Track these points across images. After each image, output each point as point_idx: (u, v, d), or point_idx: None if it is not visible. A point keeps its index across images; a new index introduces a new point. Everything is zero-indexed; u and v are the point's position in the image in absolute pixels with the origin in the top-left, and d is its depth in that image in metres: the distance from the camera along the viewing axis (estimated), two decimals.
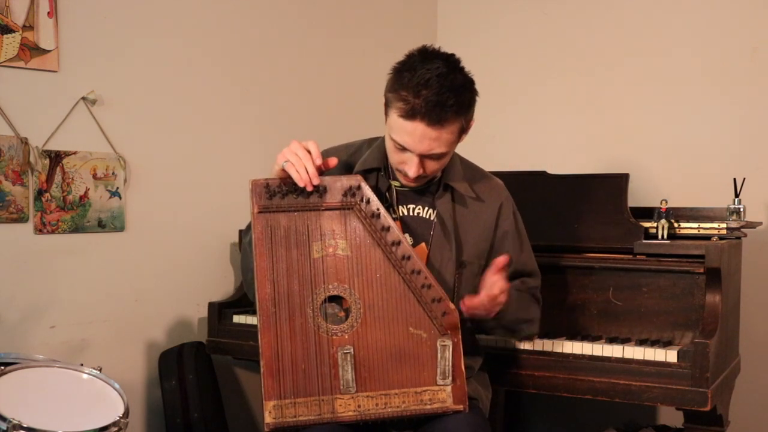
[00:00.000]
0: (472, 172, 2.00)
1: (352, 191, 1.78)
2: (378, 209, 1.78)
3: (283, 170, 1.75)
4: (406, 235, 1.88)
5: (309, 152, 1.75)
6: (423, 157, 1.79)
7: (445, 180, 1.93)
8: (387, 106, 1.81)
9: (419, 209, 1.94)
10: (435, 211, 1.93)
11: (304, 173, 1.73)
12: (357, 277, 1.77)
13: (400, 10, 3.61)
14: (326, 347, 1.75)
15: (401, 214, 1.93)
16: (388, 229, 1.78)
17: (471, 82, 1.80)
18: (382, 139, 1.93)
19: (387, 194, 1.93)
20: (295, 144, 1.76)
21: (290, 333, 1.74)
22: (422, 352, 1.78)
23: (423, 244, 1.91)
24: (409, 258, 1.78)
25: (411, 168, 1.80)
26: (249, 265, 1.84)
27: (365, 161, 1.93)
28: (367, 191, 1.79)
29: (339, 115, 3.29)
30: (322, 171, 1.77)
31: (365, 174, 1.91)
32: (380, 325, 1.77)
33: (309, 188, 1.75)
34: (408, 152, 1.79)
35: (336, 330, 1.76)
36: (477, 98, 1.82)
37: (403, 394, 1.77)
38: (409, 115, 1.72)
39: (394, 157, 1.85)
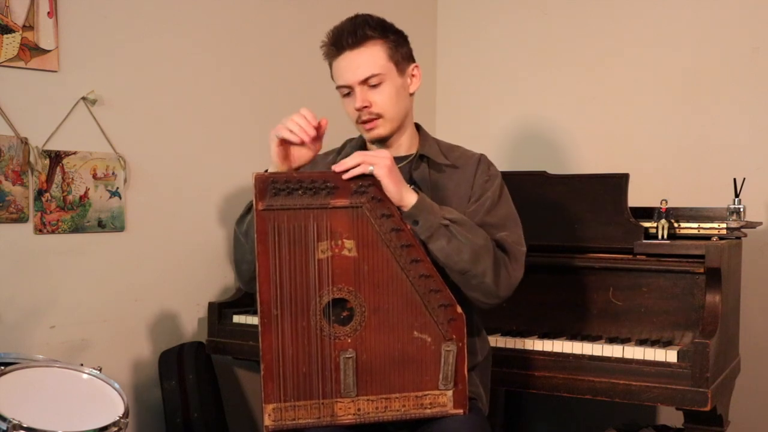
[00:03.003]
0: (447, 146, 2.03)
1: (362, 189, 1.73)
2: (389, 209, 1.74)
3: (280, 144, 1.77)
4: None
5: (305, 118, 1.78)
6: (362, 86, 1.87)
7: (420, 152, 1.97)
8: (331, 71, 1.95)
9: None
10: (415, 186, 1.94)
11: (303, 134, 1.75)
12: (363, 279, 1.73)
13: (400, 9, 3.60)
14: (328, 350, 1.72)
15: None
16: (398, 230, 1.74)
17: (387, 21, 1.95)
18: (360, 134, 2.02)
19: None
20: (288, 119, 1.78)
21: (292, 336, 1.71)
22: (426, 357, 1.75)
23: None
24: (419, 261, 1.74)
25: (357, 101, 1.88)
26: (244, 256, 1.83)
27: (346, 152, 2.00)
28: (378, 190, 1.73)
29: (340, 114, 3.28)
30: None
31: None
32: (384, 329, 1.74)
33: (308, 139, 1.75)
34: (353, 93, 1.89)
35: (339, 333, 1.73)
36: (404, 36, 1.95)
37: (404, 398, 1.75)
38: (335, 52, 1.89)
39: (349, 111, 1.93)
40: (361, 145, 2.02)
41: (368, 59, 1.87)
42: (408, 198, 1.76)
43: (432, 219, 1.76)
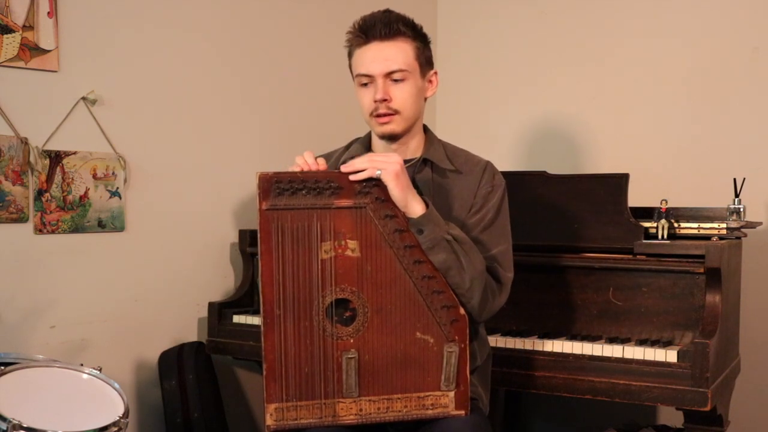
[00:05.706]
0: (453, 150, 2.02)
1: (366, 190, 1.73)
2: (393, 210, 1.74)
3: None
4: None
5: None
6: (386, 79, 1.86)
7: (424, 156, 1.96)
8: (350, 59, 1.93)
9: None
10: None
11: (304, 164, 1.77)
12: (366, 280, 1.73)
13: (400, 9, 3.60)
14: (331, 351, 1.72)
15: None
16: (402, 231, 1.74)
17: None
18: (366, 134, 2.00)
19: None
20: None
21: (294, 336, 1.71)
22: (428, 358, 1.76)
23: None
24: (422, 262, 1.74)
25: (378, 93, 1.86)
26: None
27: (351, 152, 1.98)
28: (382, 191, 1.74)
29: (340, 114, 3.29)
30: None
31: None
32: (387, 330, 1.74)
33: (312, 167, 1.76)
34: (373, 84, 1.87)
35: (342, 334, 1.73)
36: (429, 41, 1.95)
37: (406, 399, 1.75)
38: (363, 40, 1.87)
39: (364, 102, 1.90)
40: (367, 144, 2.01)
41: (398, 53, 1.86)
42: (413, 206, 1.76)
43: (437, 231, 1.76)
